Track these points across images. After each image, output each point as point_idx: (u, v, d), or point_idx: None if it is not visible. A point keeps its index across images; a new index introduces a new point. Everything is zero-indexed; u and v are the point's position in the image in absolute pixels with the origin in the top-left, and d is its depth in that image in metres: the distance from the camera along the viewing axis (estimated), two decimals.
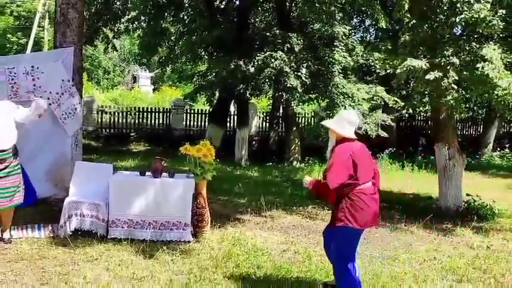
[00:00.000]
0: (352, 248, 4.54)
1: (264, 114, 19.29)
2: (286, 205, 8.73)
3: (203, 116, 18.96)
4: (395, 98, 13.30)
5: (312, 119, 19.62)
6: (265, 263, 5.59)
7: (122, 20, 15.66)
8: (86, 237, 6.15)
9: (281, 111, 16.44)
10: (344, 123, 4.59)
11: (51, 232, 6.37)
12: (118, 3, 15.08)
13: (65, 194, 6.68)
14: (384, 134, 13.90)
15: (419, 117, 20.68)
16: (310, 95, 13.49)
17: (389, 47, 9.65)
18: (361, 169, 4.44)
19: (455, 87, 7.74)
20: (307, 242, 6.67)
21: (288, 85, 11.81)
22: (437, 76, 7.51)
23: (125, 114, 18.76)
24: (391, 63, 8.31)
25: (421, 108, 15.33)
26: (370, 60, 13.20)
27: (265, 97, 17.28)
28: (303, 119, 19.70)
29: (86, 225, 6.27)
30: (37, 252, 5.63)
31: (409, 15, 7.96)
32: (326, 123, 4.82)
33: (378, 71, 13.16)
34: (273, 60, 11.66)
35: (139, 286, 4.81)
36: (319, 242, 6.54)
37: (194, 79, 15.66)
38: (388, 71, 9.29)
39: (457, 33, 8.98)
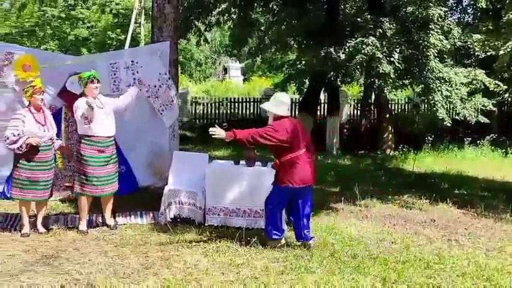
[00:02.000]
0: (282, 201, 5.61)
1: (355, 101, 18.95)
2: (380, 194, 8.56)
3: (293, 104, 18.94)
4: (497, 82, 12.58)
5: (406, 105, 19.05)
6: (361, 252, 5.52)
7: (213, 12, 15.93)
8: (184, 224, 6.39)
9: (373, 98, 16.07)
10: (279, 104, 5.60)
11: (153, 219, 6.69)
12: None
13: (164, 182, 6.96)
14: (484, 120, 13.22)
15: None
16: (404, 81, 13.04)
17: (490, 28, 9.13)
18: (295, 139, 5.44)
19: None
20: (404, 231, 6.50)
21: (380, 71, 11.50)
22: None
23: (217, 105, 19.17)
24: (492, 44, 7.86)
25: None
26: (469, 43, 12.56)
27: (357, 84, 16.94)
28: (396, 105, 19.13)
29: (185, 213, 6.51)
30: (140, 238, 5.93)
31: None
32: (264, 105, 5.83)
33: (477, 53, 12.53)
34: (364, 46, 11.40)
35: (237, 272, 4.91)
36: (418, 232, 6.42)
37: (284, 68, 15.68)
38: (489, 53, 8.79)
39: None
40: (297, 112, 17.17)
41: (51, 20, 36.88)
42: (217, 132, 5.56)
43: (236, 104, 19.26)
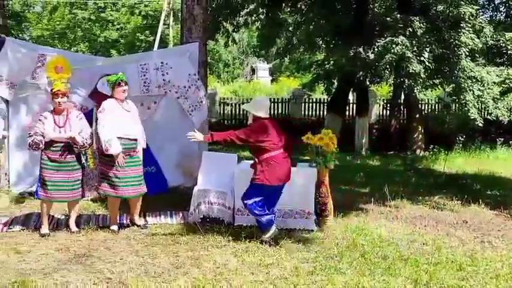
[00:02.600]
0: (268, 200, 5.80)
1: (385, 101, 18.77)
2: (411, 195, 8.45)
3: (321, 105, 18.88)
4: None
5: (437, 105, 18.78)
6: (392, 253, 5.46)
7: (241, 13, 15.98)
8: (213, 224, 6.41)
9: (403, 98, 15.89)
10: (258, 106, 5.91)
11: (182, 219, 6.75)
12: None
13: (194, 182, 7.00)
14: None
15: None
16: (434, 81, 12.84)
17: None
18: (271, 140, 5.70)
19: None
20: (436, 233, 6.41)
21: (410, 71, 11.35)
22: None
23: None
24: None
25: None
26: (501, 41, 12.29)
27: (386, 84, 16.78)
28: (426, 105, 18.89)
29: (214, 213, 6.55)
30: (170, 237, 5.97)
31: None
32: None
33: (509, 52, 12.25)
34: (394, 45, 11.26)
35: (267, 272, 4.91)
36: (449, 233, 6.33)
37: (312, 68, 15.62)
38: None
39: None
40: (325, 112, 17.11)
41: (81, 22, 37.52)
42: (195, 136, 5.81)
43: None
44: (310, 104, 19.11)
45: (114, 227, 6.23)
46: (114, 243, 5.75)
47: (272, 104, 19.10)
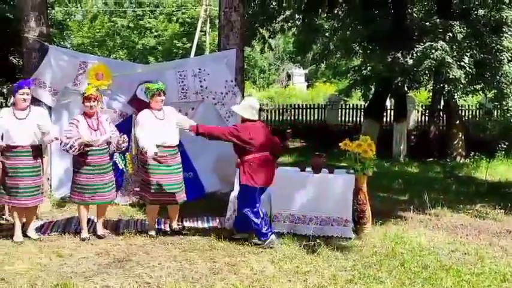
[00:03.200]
0: (250, 200, 5.88)
1: (423, 107, 18.45)
2: (451, 203, 8.26)
3: (358, 111, 18.72)
4: None
5: (478, 111, 18.36)
6: (432, 263, 5.35)
7: (278, 19, 16.01)
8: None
9: (442, 103, 15.59)
10: (247, 108, 5.95)
11: (219, 224, 6.77)
12: (274, 3, 15.43)
13: (231, 188, 7.01)
14: None
15: None
16: (475, 86, 12.59)
17: None
18: (256, 142, 5.79)
19: None
20: (478, 242, 6.24)
21: (450, 76, 11.15)
22: None
23: (281, 111, 19.22)
24: None
25: None
26: None
27: (425, 90, 16.51)
28: (467, 111, 18.49)
29: None
30: (207, 242, 5.98)
31: None
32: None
33: None
34: (433, 50, 11.09)
35: (304, 280, 4.87)
36: (492, 243, 6.16)
37: (349, 74, 15.50)
38: None
39: None
40: (362, 118, 16.94)
41: (120, 30, 38.26)
42: (181, 123, 6.00)
43: (300, 110, 19.22)
44: (347, 110, 18.96)
45: (152, 232, 6.29)
46: (152, 248, 5.80)
47: (308, 110, 19.10)
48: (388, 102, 17.07)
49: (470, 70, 11.38)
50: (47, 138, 6.10)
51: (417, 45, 11.58)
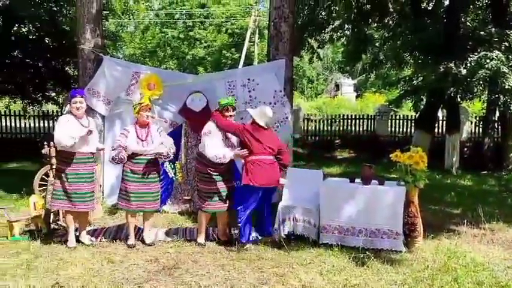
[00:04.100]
0: (249, 200, 6.16)
1: (477, 118, 17.94)
2: (507, 217, 7.95)
3: (409, 121, 18.39)
4: None
5: None
6: (487, 279, 5.15)
7: (327, 29, 15.97)
8: (298, 241, 6.36)
9: (497, 115, 15.11)
10: (262, 116, 6.26)
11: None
12: (323, 13, 15.40)
13: (278, 198, 6.99)
14: None
15: None
16: None
17: None
18: (259, 143, 6.13)
19: None
20: None
21: (506, 86, 10.83)
22: None
23: (329, 121, 19.10)
24: None
25: None
26: None
27: (479, 100, 16.06)
28: None
29: (299, 230, 6.48)
30: (255, 252, 5.99)
31: None
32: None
33: None
34: (488, 60, 10.80)
35: None
36: None
37: (399, 84, 15.24)
38: None
39: None
40: (412, 129, 16.62)
41: (171, 40, 39.04)
42: None
43: (349, 120, 19.04)
44: (397, 121, 18.66)
45: (201, 240, 6.34)
46: (201, 257, 5.84)
47: (357, 120, 18.90)
48: (440, 113, 16.67)
49: None
50: (99, 145, 6.36)
51: (471, 55, 11.30)
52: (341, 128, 19.01)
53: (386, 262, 5.67)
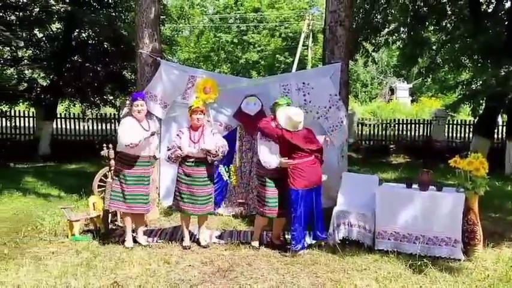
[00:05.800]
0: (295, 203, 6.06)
1: None
2: None
3: (466, 127, 17.90)
4: None
5: None
6: None
7: (382, 32, 15.75)
8: (353, 246, 6.29)
9: None
10: (286, 119, 6.15)
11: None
12: (378, 17, 15.21)
13: (333, 203, 6.94)
14: None
15: None
16: None
17: None
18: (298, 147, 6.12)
19: None
20: None
21: None
22: None
23: (384, 126, 18.81)
24: None
25: None
26: None
27: None
28: None
29: (353, 235, 6.41)
30: (309, 257, 5.96)
31: None
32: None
33: None
34: None
35: None
36: None
37: (457, 89, 14.85)
38: None
39: None
40: (471, 135, 16.15)
41: (225, 45, 39.47)
42: None
43: (404, 125, 18.70)
44: (454, 126, 18.19)
45: (256, 243, 6.37)
46: (255, 260, 5.87)
47: (413, 125, 18.53)
48: (500, 118, 16.13)
49: None
50: (157, 154, 6.59)
51: None
52: (396, 133, 18.69)
53: (445, 270, 5.52)
